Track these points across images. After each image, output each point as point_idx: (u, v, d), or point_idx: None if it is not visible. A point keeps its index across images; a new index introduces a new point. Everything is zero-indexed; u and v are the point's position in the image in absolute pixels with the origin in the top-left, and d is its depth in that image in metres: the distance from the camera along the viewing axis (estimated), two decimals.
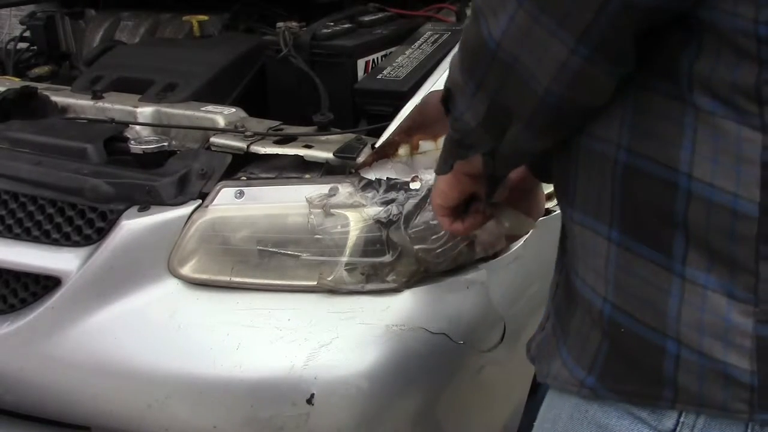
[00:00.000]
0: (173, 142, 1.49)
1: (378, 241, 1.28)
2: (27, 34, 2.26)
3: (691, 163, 0.71)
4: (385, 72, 1.60)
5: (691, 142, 0.70)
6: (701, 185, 0.70)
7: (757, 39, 0.66)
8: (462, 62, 0.81)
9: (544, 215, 1.14)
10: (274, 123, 1.50)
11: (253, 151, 1.40)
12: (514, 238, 1.31)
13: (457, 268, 1.33)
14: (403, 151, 1.31)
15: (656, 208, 0.73)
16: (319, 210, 1.29)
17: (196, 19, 2.02)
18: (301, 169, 1.38)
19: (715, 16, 0.67)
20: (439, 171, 1.00)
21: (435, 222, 1.22)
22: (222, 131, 1.47)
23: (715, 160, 0.70)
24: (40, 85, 1.77)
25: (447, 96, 0.86)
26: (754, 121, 0.68)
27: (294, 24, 1.74)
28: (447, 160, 0.96)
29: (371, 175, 1.32)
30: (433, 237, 1.26)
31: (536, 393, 1.52)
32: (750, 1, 0.66)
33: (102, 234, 1.34)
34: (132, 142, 1.45)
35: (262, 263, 1.32)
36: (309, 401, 1.23)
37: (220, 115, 1.53)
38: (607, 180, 0.76)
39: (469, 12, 0.88)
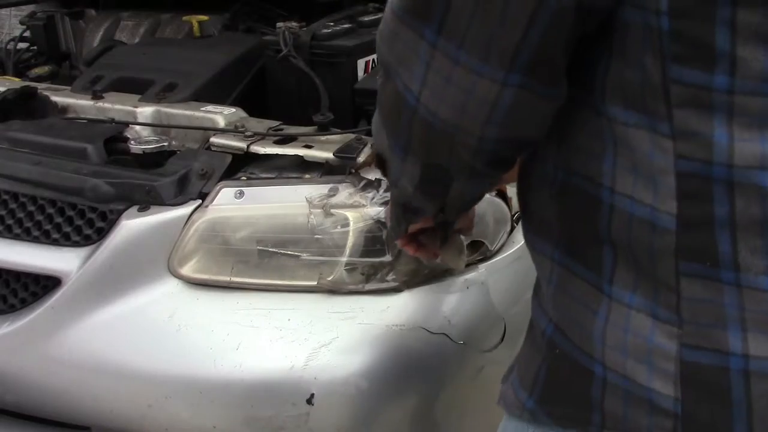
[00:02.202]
0: (173, 142, 1.49)
1: (378, 241, 1.28)
2: (27, 34, 2.26)
3: (612, 176, 0.67)
4: None
5: (612, 155, 0.66)
6: (622, 198, 0.66)
7: (660, 32, 0.61)
8: (384, 125, 0.76)
9: None
10: (274, 123, 1.50)
11: (253, 151, 1.40)
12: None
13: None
14: None
15: (586, 224, 0.70)
16: (319, 210, 1.29)
17: (196, 19, 2.02)
18: (301, 169, 1.38)
19: (624, 13, 0.63)
20: (393, 236, 0.97)
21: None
22: (222, 131, 1.47)
23: (635, 171, 0.65)
24: (40, 85, 1.77)
25: (379, 161, 0.82)
26: (664, 128, 0.63)
27: (294, 24, 1.74)
28: (399, 223, 0.94)
29: (371, 175, 1.32)
30: None
31: None
32: None
33: (102, 234, 1.34)
34: (132, 142, 1.45)
35: (262, 263, 1.32)
36: (309, 401, 1.23)
37: (220, 115, 1.53)
38: (549, 199, 0.74)
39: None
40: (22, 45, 2.26)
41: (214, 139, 1.44)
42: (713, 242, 0.63)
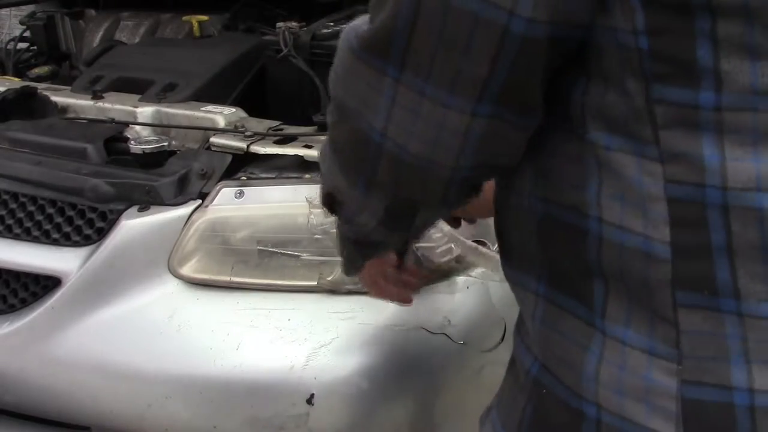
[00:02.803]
0: (173, 142, 1.49)
1: None
2: (27, 34, 2.26)
3: (599, 205, 0.63)
4: None
5: (596, 183, 0.63)
6: (611, 228, 0.63)
7: (639, 52, 0.58)
8: (340, 164, 0.72)
9: None
10: (274, 123, 1.50)
11: (253, 151, 1.40)
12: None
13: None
14: None
15: (573, 256, 0.65)
16: (319, 210, 1.28)
17: (196, 19, 2.02)
18: (301, 169, 1.38)
19: (598, 36, 0.60)
20: (348, 273, 0.94)
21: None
22: (222, 131, 1.47)
23: (622, 199, 0.62)
24: (40, 85, 1.77)
25: (329, 202, 0.79)
26: (651, 151, 0.60)
27: (294, 24, 1.74)
28: (353, 261, 0.90)
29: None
30: (437, 235, 1.26)
31: None
32: (627, 9, 0.58)
33: (102, 234, 1.34)
34: (132, 142, 1.45)
35: (262, 263, 1.32)
36: (309, 401, 1.23)
37: (220, 115, 1.53)
38: (530, 232, 0.70)
39: None
40: (22, 45, 2.26)
41: (214, 139, 1.44)
42: (711, 270, 0.59)
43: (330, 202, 0.79)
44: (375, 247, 0.85)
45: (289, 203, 1.32)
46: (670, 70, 0.58)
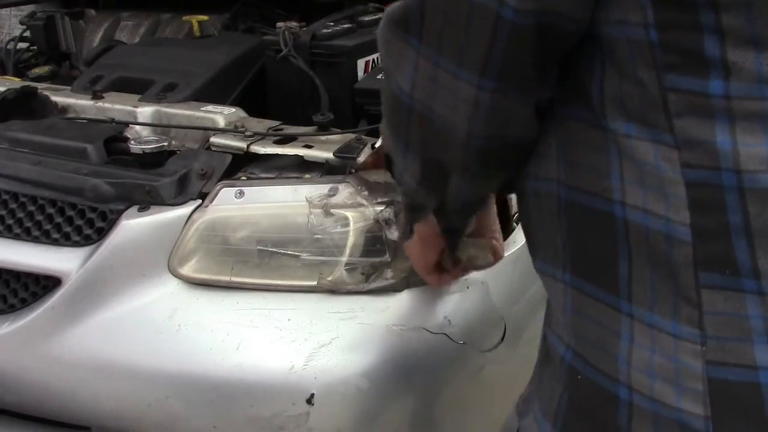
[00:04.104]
0: (173, 142, 1.49)
1: (378, 241, 1.28)
2: (27, 34, 2.27)
3: (622, 190, 0.66)
4: None
5: (618, 169, 0.66)
6: (636, 212, 0.66)
7: (650, 44, 0.62)
8: (388, 124, 0.80)
9: None
10: (274, 123, 1.50)
11: (253, 151, 1.40)
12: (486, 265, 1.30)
13: None
14: None
15: (598, 242, 0.69)
16: (319, 210, 1.29)
17: (196, 19, 2.02)
18: (301, 169, 1.38)
19: (610, 30, 0.64)
20: (402, 238, 1.00)
21: None
22: (222, 131, 1.47)
23: (643, 184, 0.65)
24: (40, 85, 1.77)
25: (387, 162, 0.86)
26: (667, 138, 0.63)
27: (294, 24, 1.74)
28: (406, 225, 0.97)
29: (372, 176, 1.32)
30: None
31: None
32: (636, 5, 0.62)
33: (102, 234, 1.34)
34: (132, 142, 1.45)
35: (262, 263, 1.32)
36: (309, 401, 1.23)
37: (220, 115, 1.53)
38: (554, 220, 0.73)
39: None
40: (22, 45, 2.26)
41: (214, 139, 1.44)
42: (731, 250, 0.61)
43: (388, 162, 0.86)
44: (419, 210, 0.90)
45: (289, 203, 1.32)
46: (681, 61, 0.61)
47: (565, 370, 0.74)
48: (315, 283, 1.29)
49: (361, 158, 1.33)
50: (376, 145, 1.34)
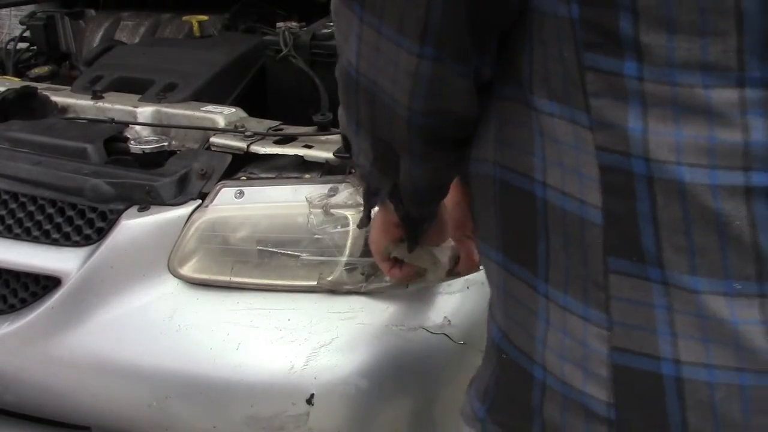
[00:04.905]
0: (173, 142, 1.49)
1: None
2: (27, 34, 2.26)
3: (544, 170, 0.65)
4: None
5: (541, 148, 0.65)
6: (555, 193, 0.65)
7: (572, 21, 0.60)
8: (341, 103, 0.78)
9: None
10: (274, 123, 1.50)
11: (253, 151, 1.40)
12: (436, 281, 1.28)
13: None
14: None
15: (523, 221, 0.68)
16: (319, 210, 1.29)
17: (196, 19, 2.02)
18: (301, 169, 1.38)
19: (540, 4, 0.63)
20: (361, 224, 0.99)
21: None
22: (222, 131, 1.47)
23: (562, 165, 0.64)
24: (40, 85, 1.77)
25: (345, 143, 0.84)
26: (583, 118, 0.61)
27: (294, 24, 1.74)
28: (364, 210, 0.95)
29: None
30: None
31: None
32: None
33: (102, 234, 1.34)
34: (132, 142, 1.45)
35: (262, 263, 1.32)
36: (309, 401, 1.23)
37: (220, 115, 1.53)
38: (490, 201, 0.72)
39: None
40: (22, 45, 2.26)
41: (214, 139, 1.44)
42: (639, 238, 0.60)
43: (346, 144, 0.84)
44: (375, 194, 0.88)
45: (289, 203, 1.32)
46: (599, 39, 0.60)
47: (494, 350, 0.74)
48: (315, 283, 1.29)
49: None
50: None
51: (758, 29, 0.55)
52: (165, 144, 1.44)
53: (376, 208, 0.96)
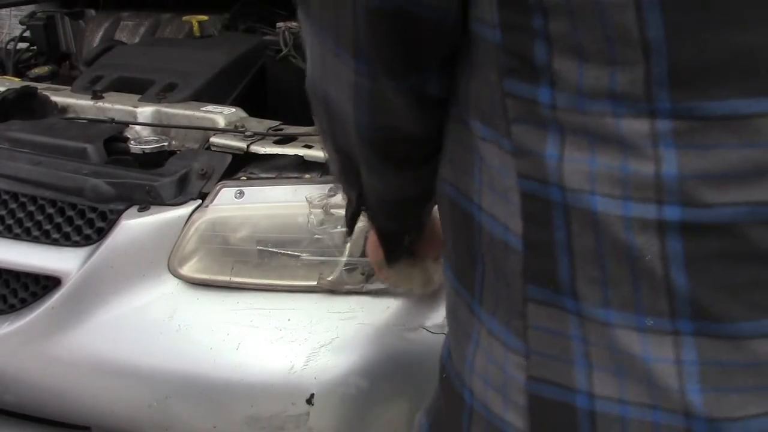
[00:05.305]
0: (173, 142, 1.49)
1: None
2: (27, 34, 2.27)
3: (480, 192, 0.64)
4: None
5: (479, 171, 0.64)
6: (486, 217, 0.64)
7: (495, 46, 0.59)
8: (317, 121, 0.79)
9: None
10: (274, 123, 1.50)
11: (253, 151, 1.40)
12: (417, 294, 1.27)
13: None
14: None
15: (466, 242, 0.67)
16: (319, 210, 1.29)
17: (196, 19, 2.02)
18: (301, 169, 1.38)
19: (474, 27, 0.62)
20: (345, 234, 1.00)
21: None
22: (222, 131, 1.47)
23: (493, 189, 0.63)
24: (40, 85, 1.77)
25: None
26: (506, 144, 0.61)
27: (294, 24, 1.74)
28: (345, 216, 0.94)
29: None
30: None
31: None
32: (487, 4, 0.59)
33: (102, 234, 1.34)
34: (132, 142, 1.45)
35: (262, 263, 1.32)
36: (309, 401, 1.23)
37: (220, 115, 1.53)
38: (447, 219, 0.72)
39: None
40: (22, 45, 2.26)
41: (214, 139, 1.44)
42: (555, 267, 0.59)
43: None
44: (349, 203, 0.88)
45: (289, 203, 1.32)
46: (518, 65, 0.59)
47: (439, 369, 0.75)
48: (315, 283, 1.29)
49: None
50: None
51: (665, 59, 0.53)
52: (165, 144, 1.44)
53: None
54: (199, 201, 1.34)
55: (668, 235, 0.55)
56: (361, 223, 1.28)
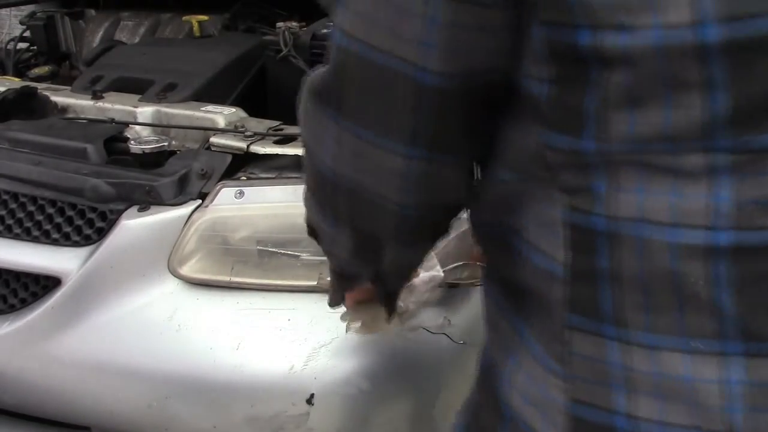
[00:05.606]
0: (173, 142, 1.49)
1: None
2: (27, 34, 2.26)
3: (525, 227, 0.67)
4: None
5: (519, 207, 0.67)
6: (531, 248, 0.67)
7: (539, 97, 0.61)
8: (312, 199, 0.78)
9: None
10: (274, 123, 1.50)
11: (253, 151, 1.40)
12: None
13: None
14: None
15: (512, 270, 0.70)
16: None
17: (196, 19, 2.02)
18: (301, 169, 1.38)
19: (519, 80, 0.63)
20: (332, 303, 0.98)
21: None
22: (222, 131, 1.47)
23: (537, 221, 0.66)
24: (40, 85, 1.77)
25: (310, 232, 0.84)
26: (553, 182, 0.63)
27: (294, 24, 1.74)
28: (336, 291, 0.94)
29: None
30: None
31: None
32: (534, 57, 0.60)
33: (102, 234, 1.34)
34: (132, 142, 1.45)
35: (262, 263, 1.32)
36: (309, 401, 1.23)
37: (220, 115, 1.53)
38: (486, 238, 0.76)
39: None
40: (22, 45, 2.26)
41: (214, 139, 1.44)
42: (596, 295, 0.62)
43: (312, 233, 0.83)
44: (353, 279, 0.88)
45: (289, 203, 1.31)
46: (563, 116, 0.60)
47: (480, 373, 0.78)
48: (315, 283, 1.29)
49: None
50: None
51: (726, 99, 0.55)
52: (165, 144, 1.44)
53: None
54: (199, 201, 1.34)
55: (716, 259, 0.58)
56: None
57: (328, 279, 1.27)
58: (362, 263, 0.80)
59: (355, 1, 0.63)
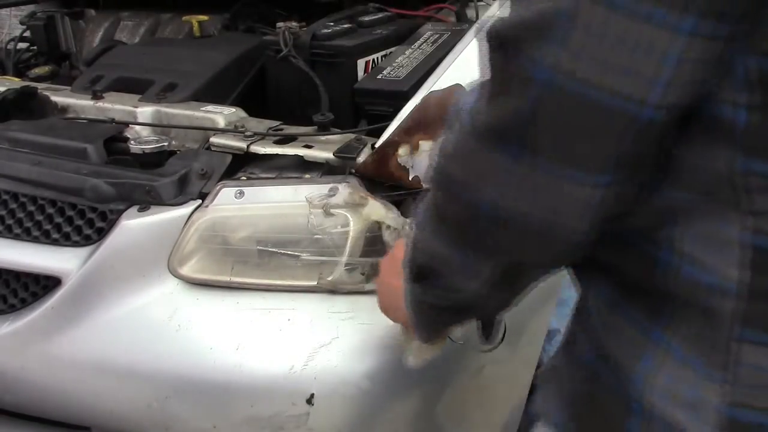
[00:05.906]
0: (173, 142, 1.49)
1: (378, 241, 1.28)
2: (27, 34, 2.26)
3: (680, 240, 0.69)
4: (385, 72, 1.60)
5: (673, 222, 0.70)
6: (686, 262, 0.69)
7: (734, 123, 0.64)
8: (449, 237, 0.75)
9: None
10: (274, 123, 1.50)
11: (253, 151, 1.40)
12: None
13: None
14: (403, 151, 1.32)
15: (645, 275, 0.72)
16: (319, 210, 1.29)
17: (196, 19, 2.02)
18: (301, 169, 1.38)
19: (707, 105, 0.64)
20: (425, 339, 0.95)
21: None
22: (222, 131, 1.47)
23: (702, 239, 0.68)
24: (40, 85, 1.77)
25: (425, 273, 0.81)
26: (742, 206, 0.66)
27: (294, 24, 1.74)
28: (430, 326, 0.91)
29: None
30: None
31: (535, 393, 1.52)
32: (734, 85, 0.63)
33: (102, 234, 1.34)
34: (132, 142, 1.45)
35: (262, 263, 1.32)
36: (309, 401, 1.23)
37: (220, 115, 1.53)
38: (609, 245, 0.76)
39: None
40: (22, 45, 2.26)
41: (214, 139, 1.44)
42: None
43: (424, 275, 0.81)
44: (466, 311, 0.87)
45: (289, 203, 1.32)
46: (759, 143, 0.63)
47: (584, 366, 0.79)
48: (315, 283, 1.29)
49: (361, 158, 1.33)
50: (376, 145, 1.33)
51: None
52: (165, 144, 1.44)
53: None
54: (199, 201, 1.34)
55: None
56: (361, 223, 1.28)
57: (329, 279, 1.28)
58: (501, 294, 0.80)
59: (576, 40, 0.61)
